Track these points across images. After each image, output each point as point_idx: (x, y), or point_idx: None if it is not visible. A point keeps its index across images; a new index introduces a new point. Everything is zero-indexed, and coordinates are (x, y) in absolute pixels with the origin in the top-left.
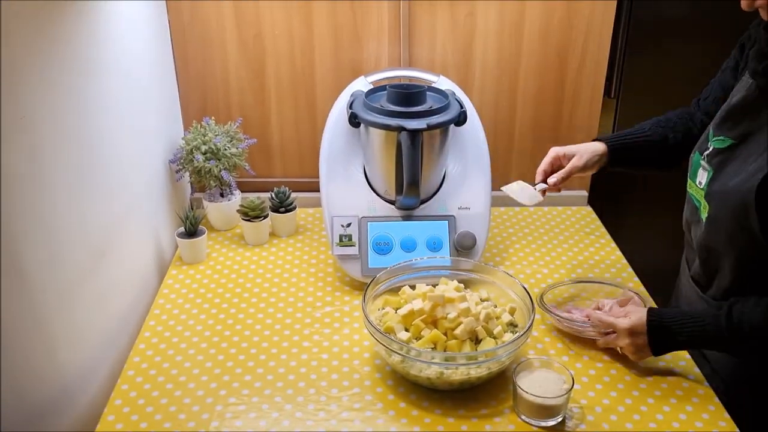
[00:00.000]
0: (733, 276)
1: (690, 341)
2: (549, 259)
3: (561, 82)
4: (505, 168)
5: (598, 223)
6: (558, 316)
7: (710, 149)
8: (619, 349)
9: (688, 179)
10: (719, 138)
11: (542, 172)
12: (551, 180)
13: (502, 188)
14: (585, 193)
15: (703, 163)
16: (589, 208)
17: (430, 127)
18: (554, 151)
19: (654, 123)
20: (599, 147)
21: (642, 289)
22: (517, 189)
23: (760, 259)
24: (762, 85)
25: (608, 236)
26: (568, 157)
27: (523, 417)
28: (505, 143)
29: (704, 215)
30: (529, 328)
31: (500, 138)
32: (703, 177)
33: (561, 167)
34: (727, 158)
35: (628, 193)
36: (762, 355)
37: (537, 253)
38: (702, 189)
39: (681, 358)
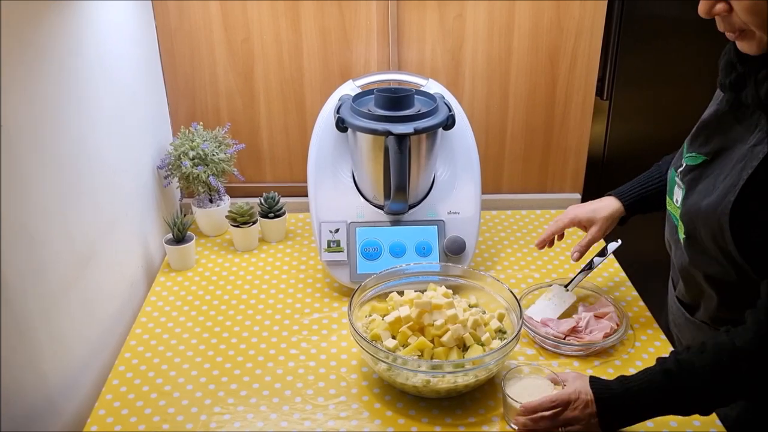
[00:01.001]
0: (719, 298)
1: (641, 407)
2: (540, 264)
3: (552, 84)
4: (496, 172)
5: None
6: (530, 328)
7: (683, 166)
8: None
9: (667, 196)
10: (691, 155)
11: (552, 234)
12: (575, 256)
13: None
14: (578, 196)
15: (677, 180)
16: None
17: (417, 132)
18: (573, 215)
19: (666, 164)
20: (616, 208)
21: (634, 293)
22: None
23: (742, 281)
24: (730, 98)
25: (601, 240)
26: (584, 224)
27: (512, 425)
28: (497, 147)
29: (682, 235)
30: (517, 334)
31: (491, 141)
32: (678, 195)
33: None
34: (700, 175)
35: None
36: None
37: (528, 258)
38: (678, 207)
39: None
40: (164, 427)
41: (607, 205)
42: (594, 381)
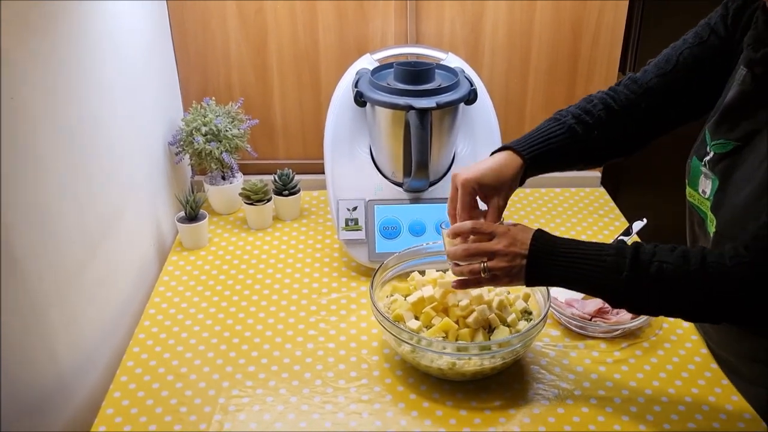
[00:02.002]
0: None
1: (575, 266)
2: None
3: (574, 58)
4: None
5: (612, 204)
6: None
7: (711, 155)
8: (483, 266)
9: (688, 187)
10: (718, 141)
11: (454, 217)
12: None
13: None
14: (598, 174)
15: (704, 170)
16: (603, 189)
17: (439, 106)
18: (475, 183)
19: (566, 119)
20: (519, 166)
21: None
22: None
23: None
24: (761, 74)
25: (623, 218)
26: (486, 193)
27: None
28: (516, 122)
29: (712, 229)
30: (544, 316)
31: (511, 117)
32: (706, 186)
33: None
34: (734, 163)
35: (643, 173)
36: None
37: None
38: (707, 199)
39: (697, 354)
40: (182, 410)
41: (508, 164)
42: (540, 230)
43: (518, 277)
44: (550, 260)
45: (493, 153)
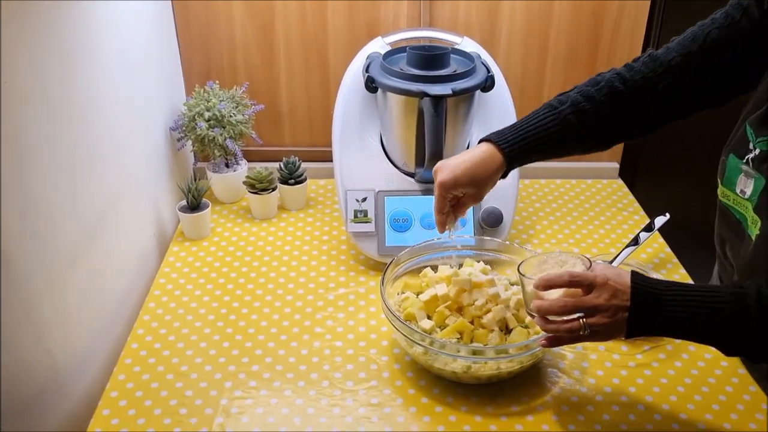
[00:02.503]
0: None
1: (684, 315)
2: (579, 237)
3: (595, 44)
4: None
5: (631, 197)
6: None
7: (756, 152)
8: (583, 323)
9: (721, 186)
10: (766, 138)
11: (444, 215)
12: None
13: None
14: (616, 165)
15: (745, 168)
16: (621, 181)
17: (455, 93)
18: (454, 182)
19: (563, 107)
20: (494, 161)
21: (682, 272)
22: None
23: None
24: None
25: (642, 212)
26: (463, 191)
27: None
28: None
29: (754, 231)
30: None
31: (526, 105)
32: (747, 186)
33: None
34: None
35: (662, 164)
36: None
37: (566, 230)
38: (748, 200)
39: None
40: (182, 412)
41: (487, 160)
42: (636, 273)
43: (619, 331)
44: (654, 311)
45: (479, 141)
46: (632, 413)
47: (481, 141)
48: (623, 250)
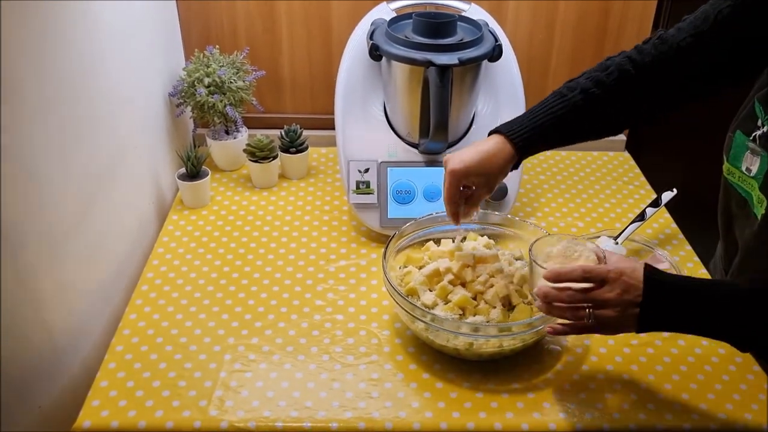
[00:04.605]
0: None
1: (702, 316)
2: (584, 211)
3: (605, 12)
4: None
5: (637, 170)
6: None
7: (764, 129)
8: (588, 312)
9: (726, 163)
10: None
11: (457, 206)
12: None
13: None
14: (623, 137)
15: (751, 145)
16: (627, 154)
17: (462, 63)
18: (464, 172)
19: (573, 94)
20: (504, 152)
21: (688, 248)
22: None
23: None
24: None
25: (648, 186)
26: (474, 182)
27: (535, 298)
28: (539, 81)
29: (759, 210)
30: None
31: (533, 75)
32: (752, 163)
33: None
34: None
35: (670, 137)
36: None
37: (571, 204)
38: (754, 178)
39: None
40: (180, 385)
41: (497, 153)
42: (649, 266)
43: (629, 326)
44: (667, 309)
45: (489, 133)
46: (634, 392)
47: (491, 133)
48: (629, 225)
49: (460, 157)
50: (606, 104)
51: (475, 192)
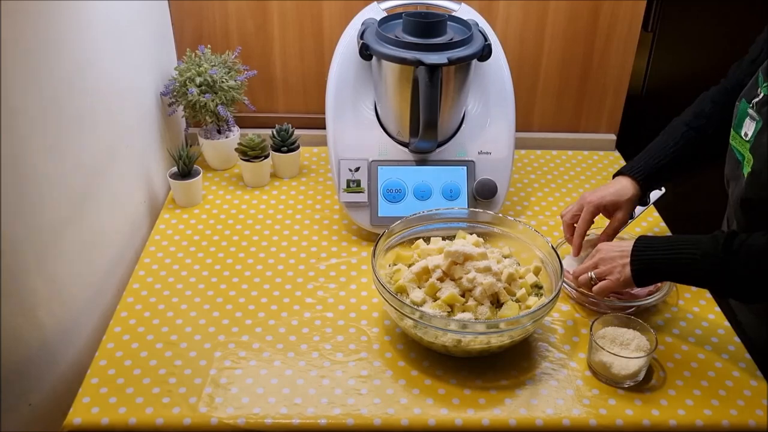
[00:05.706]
0: None
1: (677, 261)
2: None
3: (595, 12)
4: (527, 108)
5: None
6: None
7: (760, 96)
8: (590, 275)
9: (732, 130)
10: None
11: (583, 233)
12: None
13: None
14: (613, 137)
15: (750, 112)
16: (618, 154)
17: (451, 62)
18: (598, 202)
19: (683, 126)
20: (631, 188)
21: None
22: None
23: None
24: None
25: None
26: (609, 210)
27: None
28: (529, 81)
29: (746, 170)
30: (556, 294)
31: (524, 75)
32: (749, 128)
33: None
34: None
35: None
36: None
37: (561, 203)
38: (748, 141)
39: (720, 326)
40: (171, 381)
41: (625, 186)
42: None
43: (623, 273)
44: (651, 252)
45: (614, 176)
46: (621, 387)
47: (615, 176)
48: None
49: (597, 192)
50: (711, 127)
51: (612, 218)
